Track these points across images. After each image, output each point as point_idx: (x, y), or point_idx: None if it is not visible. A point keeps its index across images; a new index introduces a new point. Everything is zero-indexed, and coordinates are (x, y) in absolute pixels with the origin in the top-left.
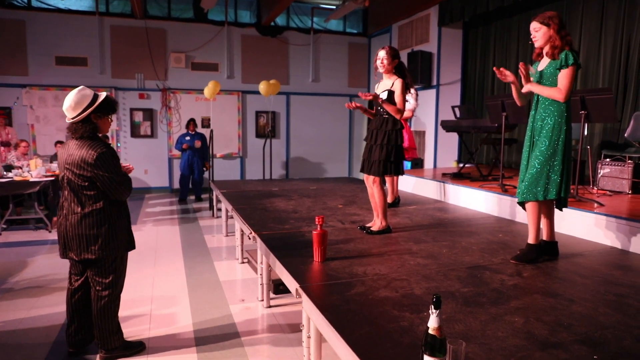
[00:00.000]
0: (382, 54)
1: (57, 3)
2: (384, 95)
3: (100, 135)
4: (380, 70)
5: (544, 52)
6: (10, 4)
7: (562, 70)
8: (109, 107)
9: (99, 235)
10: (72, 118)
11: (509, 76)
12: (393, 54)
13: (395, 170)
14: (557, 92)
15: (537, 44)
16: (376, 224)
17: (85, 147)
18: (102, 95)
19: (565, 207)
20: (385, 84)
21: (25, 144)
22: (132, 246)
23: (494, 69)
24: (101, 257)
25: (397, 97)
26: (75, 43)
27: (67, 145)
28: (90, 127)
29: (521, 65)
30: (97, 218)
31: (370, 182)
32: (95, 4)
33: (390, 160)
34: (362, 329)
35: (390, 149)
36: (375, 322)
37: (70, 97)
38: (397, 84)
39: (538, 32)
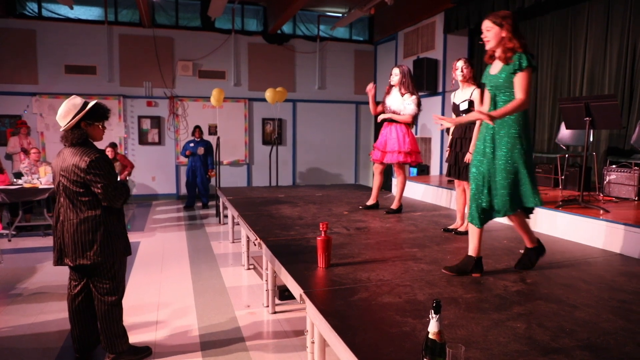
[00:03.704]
0: (460, 64)
1: (67, 13)
2: (463, 105)
3: (94, 142)
4: (459, 79)
5: (496, 55)
6: (21, 14)
7: (517, 74)
8: (99, 114)
9: (95, 241)
10: (63, 126)
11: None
12: (470, 63)
13: None
14: (518, 102)
15: (487, 46)
16: (464, 224)
17: (79, 154)
18: (92, 103)
19: (532, 213)
20: (464, 94)
21: (36, 150)
22: (128, 252)
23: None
24: (97, 263)
25: (477, 106)
26: (85, 52)
27: (62, 153)
28: (79, 133)
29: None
30: (93, 224)
31: (465, 186)
32: (104, 13)
33: None
34: (364, 334)
35: None
36: (377, 328)
37: (61, 106)
38: (475, 94)
39: (489, 32)
